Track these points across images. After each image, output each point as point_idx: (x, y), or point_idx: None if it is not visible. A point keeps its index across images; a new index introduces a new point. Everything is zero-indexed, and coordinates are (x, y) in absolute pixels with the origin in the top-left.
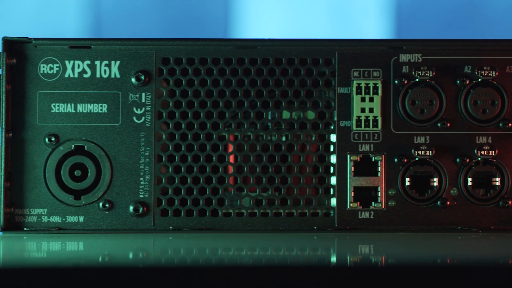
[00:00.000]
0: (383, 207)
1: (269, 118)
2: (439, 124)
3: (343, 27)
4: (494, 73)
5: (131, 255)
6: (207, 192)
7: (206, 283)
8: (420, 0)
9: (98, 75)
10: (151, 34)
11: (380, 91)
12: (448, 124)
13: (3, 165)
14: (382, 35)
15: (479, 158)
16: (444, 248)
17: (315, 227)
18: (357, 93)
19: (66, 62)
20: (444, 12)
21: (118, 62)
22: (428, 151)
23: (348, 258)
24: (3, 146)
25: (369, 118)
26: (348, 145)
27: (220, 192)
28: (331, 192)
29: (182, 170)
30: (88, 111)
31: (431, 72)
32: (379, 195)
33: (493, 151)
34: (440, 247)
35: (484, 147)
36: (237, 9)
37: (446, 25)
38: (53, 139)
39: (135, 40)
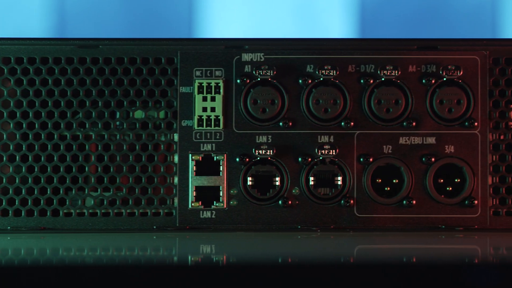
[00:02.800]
0: (225, 206)
1: (116, 117)
2: (281, 124)
3: (308, 26)
4: (335, 72)
5: None
6: (48, 192)
7: (46, 283)
8: (384, 1)
9: None
10: (115, 34)
11: (222, 91)
12: (290, 123)
13: None
14: (346, 35)
15: (321, 157)
16: (283, 247)
17: (155, 227)
18: (198, 93)
19: None
20: (407, 12)
21: None
22: (269, 150)
23: (190, 257)
24: None
25: (211, 117)
26: (190, 144)
27: (61, 192)
28: (173, 192)
29: (23, 170)
30: None
31: (272, 71)
32: (221, 194)
33: (333, 150)
34: (280, 246)
35: (324, 146)
36: (201, 9)
37: (409, 24)
38: None
39: None
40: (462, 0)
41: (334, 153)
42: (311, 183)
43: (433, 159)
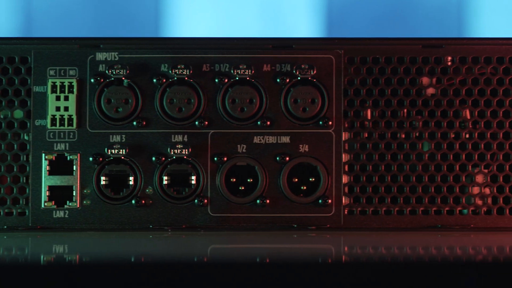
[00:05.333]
0: (78, 206)
1: None
2: (134, 123)
3: (275, 26)
4: (189, 71)
5: None
6: None
7: None
8: (351, 1)
9: None
10: (83, 33)
11: (75, 90)
12: (144, 123)
13: None
14: (313, 34)
15: (174, 157)
16: (136, 247)
17: (5, 226)
18: (52, 92)
19: None
20: (374, 11)
21: None
22: (122, 150)
23: (42, 257)
24: None
25: (64, 117)
26: (43, 144)
27: None
28: (26, 191)
29: None
30: None
31: (125, 71)
32: (74, 194)
33: (187, 150)
34: (132, 245)
35: (177, 146)
36: (168, 9)
37: (376, 23)
38: None
39: None
40: (428, 1)
41: (187, 152)
42: (165, 182)
43: (287, 158)
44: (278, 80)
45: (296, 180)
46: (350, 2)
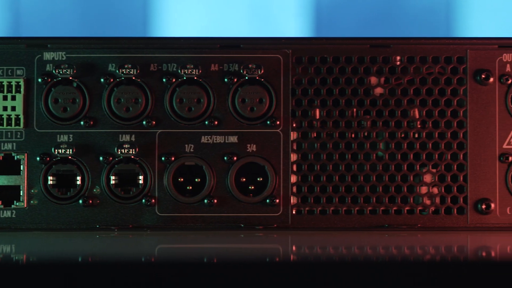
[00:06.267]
0: (25, 206)
1: None
2: (82, 123)
3: (263, 26)
4: (135, 71)
5: None
6: None
7: None
8: (340, 1)
9: None
10: (70, 33)
11: (22, 90)
12: (92, 123)
13: None
14: (301, 34)
15: (121, 157)
16: (82, 246)
17: None
18: None
19: None
20: (363, 11)
21: None
22: (69, 150)
23: None
24: None
25: (11, 116)
26: None
27: None
28: None
29: None
30: None
31: (72, 70)
32: (21, 194)
33: (134, 149)
34: (79, 245)
35: (125, 146)
36: (156, 9)
37: (365, 24)
38: None
39: None
40: (417, 2)
41: (134, 152)
42: (112, 182)
43: (235, 158)
44: (225, 79)
45: (244, 179)
46: (339, 3)
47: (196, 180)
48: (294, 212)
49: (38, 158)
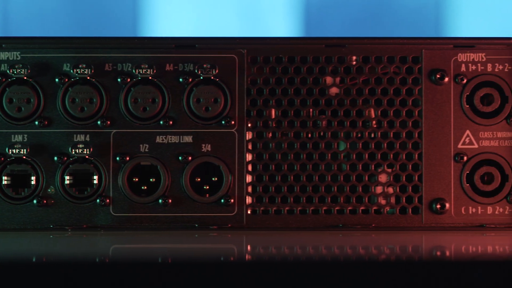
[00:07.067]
0: None
1: None
2: (36, 122)
3: (252, 26)
4: (90, 71)
5: None
6: None
7: None
8: (329, 1)
9: None
10: (59, 32)
11: None
12: (46, 122)
13: None
14: (291, 34)
15: (75, 157)
16: (37, 247)
17: None
18: None
19: None
20: (352, 12)
21: None
22: (23, 149)
23: None
24: None
25: None
26: None
27: None
28: None
29: None
30: None
31: (26, 70)
32: None
33: (88, 149)
34: (33, 245)
35: (79, 145)
36: (146, 9)
37: (354, 24)
38: None
39: None
40: (406, 3)
41: (89, 152)
42: (67, 182)
43: (189, 158)
44: (180, 79)
45: (199, 179)
46: (329, 3)
47: (151, 180)
48: (249, 212)
49: None
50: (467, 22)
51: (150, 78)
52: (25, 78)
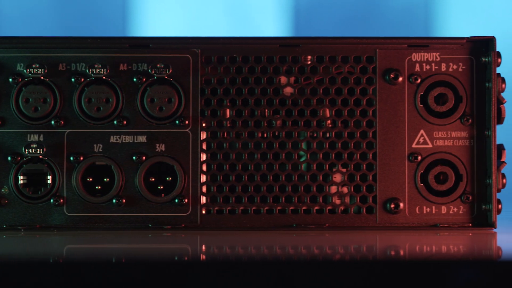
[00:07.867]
0: None
1: None
2: None
3: (242, 26)
4: (43, 70)
5: None
6: None
7: None
8: (318, 1)
9: None
10: (49, 32)
11: None
12: (0, 122)
13: None
14: (280, 34)
15: (29, 157)
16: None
17: None
18: None
19: None
20: (341, 12)
21: None
22: None
23: None
24: None
25: None
26: None
27: None
28: None
29: None
30: None
31: None
32: None
33: (42, 149)
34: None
35: (32, 145)
36: (135, 9)
37: (342, 25)
38: None
39: None
40: (395, 3)
41: (42, 152)
42: (20, 182)
43: (143, 158)
44: (134, 79)
45: (153, 179)
46: (317, 3)
47: (105, 180)
48: (203, 212)
49: None
50: (456, 23)
51: (104, 78)
52: None
